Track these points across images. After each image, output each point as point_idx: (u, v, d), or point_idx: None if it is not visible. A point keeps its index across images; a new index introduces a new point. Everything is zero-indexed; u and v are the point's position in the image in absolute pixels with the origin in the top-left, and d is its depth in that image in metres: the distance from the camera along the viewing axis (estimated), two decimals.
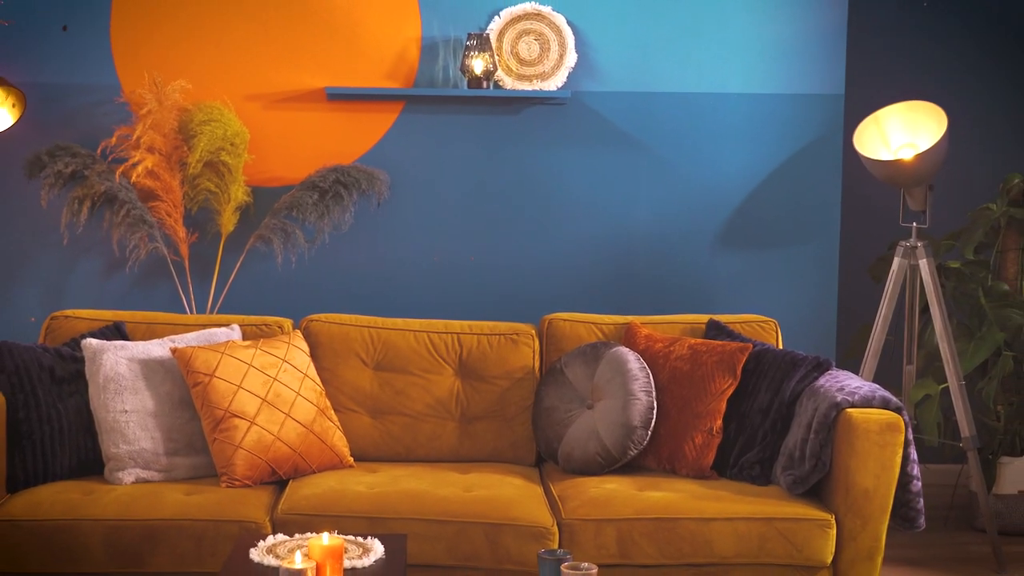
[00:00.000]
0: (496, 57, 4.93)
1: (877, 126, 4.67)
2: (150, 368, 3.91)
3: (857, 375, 4.02)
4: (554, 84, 4.97)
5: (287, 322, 4.27)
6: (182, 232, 4.86)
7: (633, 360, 4.03)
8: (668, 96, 5.05)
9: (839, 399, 3.73)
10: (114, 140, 4.81)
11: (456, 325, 4.30)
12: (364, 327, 4.26)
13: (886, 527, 3.70)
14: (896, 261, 4.71)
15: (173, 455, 3.86)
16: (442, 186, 5.05)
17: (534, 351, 4.27)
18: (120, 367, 3.87)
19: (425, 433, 4.20)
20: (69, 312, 4.21)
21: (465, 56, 4.87)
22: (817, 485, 3.82)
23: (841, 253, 5.20)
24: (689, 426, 3.95)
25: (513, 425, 4.21)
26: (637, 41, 5.02)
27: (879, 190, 5.24)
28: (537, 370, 4.26)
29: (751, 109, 5.07)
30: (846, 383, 3.83)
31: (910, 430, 3.70)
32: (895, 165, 4.55)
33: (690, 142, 5.07)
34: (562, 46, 4.97)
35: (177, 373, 3.92)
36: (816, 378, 3.94)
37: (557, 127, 5.04)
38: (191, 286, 4.97)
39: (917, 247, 4.67)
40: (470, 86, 4.90)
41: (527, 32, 4.97)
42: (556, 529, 3.65)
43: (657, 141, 5.06)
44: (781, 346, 4.30)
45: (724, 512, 3.67)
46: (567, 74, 4.97)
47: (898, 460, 3.66)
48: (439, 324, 4.30)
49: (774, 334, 4.32)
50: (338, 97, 4.97)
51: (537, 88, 4.97)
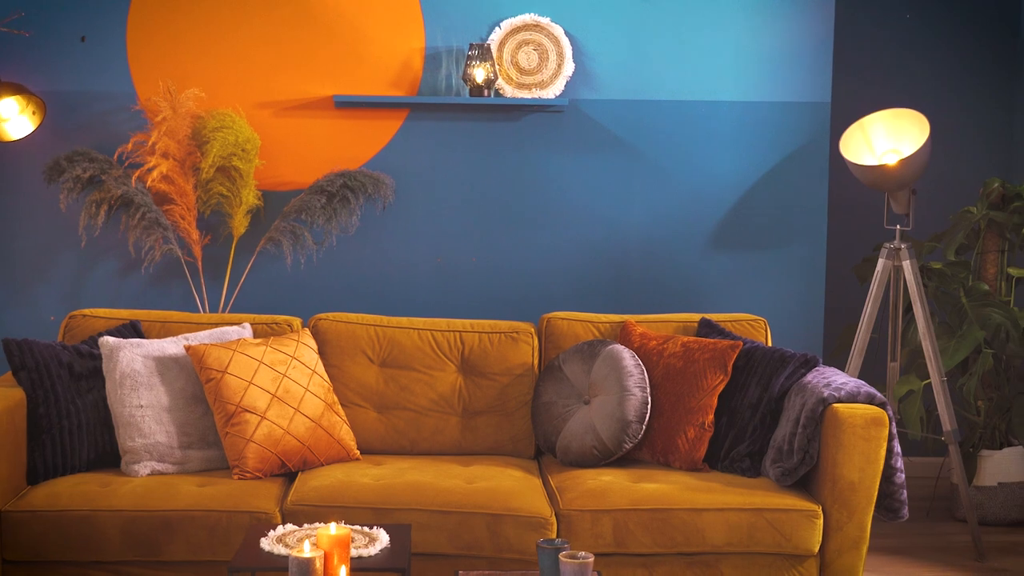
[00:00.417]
0: (497, 66, 4.93)
1: (862, 132, 4.67)
2: (165, 365, 3.91)
3: (843, 372, 4.02)
4: (552, 92, 4.97)
5: (296, 321, 4.27)
6: (195, 234, 4.86)
7: (628, 357, 4.03)
8: (662, 104, 5.05)
9: (826, 395, 3.73)
10: (130, 146, 4.81)
11: (458, 324, 4.30)
12: (370, 325, 4.26)
13: (871, 517, 3.69)
14: (880, 262, 4.70)
15: (187, 448, 3.86)
16: (445, 190, 5.05)
17: (533, 348, 4.27)
18: (136, 364, 3.87)
19: (429, 427, 4.19)
20: (87, 311, 4.20)
21: (467, 65, 4.86)
22: (805, 477, 3.82)
23: (828, 254, 5.20)
24: (682, 420, 3.95)
25: (513, 420, 4.21)
26: (632, 51, 5.02)
27: (864, 194, 5.24)
28: (536, 367, 4.26)
29: (741, 116, 5.06)
30: (832, 379, 3.83)
31: (894, 424, 3.70)
32: (880, 170, 4.55)
33: (683, 148, 5.07)
34: (560, 56, 4.97)
35: (191, 370, 3.92)
36: (804, 374, 3.94)
37: (555, 133, 5.04)
38: (204, 286, 4.97)
39: (901, 249, 4.67)
40: (472, 94, 4.90)
41: (526, 42, 4.97)
42: (554, 519, 3.64)
43: (651, 147, 5.06)
44: (770, 344, 4.30)
45: (716, 503, 3.66)
46: (565, 83, 4.97)
47: (882, 453, 3.66)
48: (442, 323, 4.29)
49: (763, 332, 4.31)
50: (345, 105, 4.96)
51: (536, 96, 4.96)
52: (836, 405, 3.70)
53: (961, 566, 4.43)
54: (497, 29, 4.96)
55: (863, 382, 3.81)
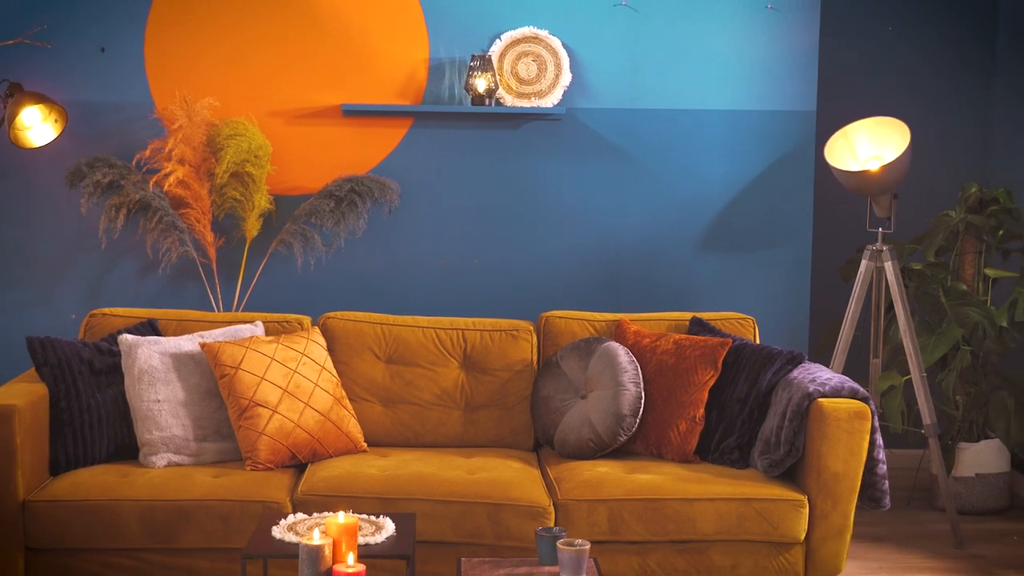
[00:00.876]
0: (497, 77, 4.93)
1: (846, 140, 4.67)
2: (181, 361, 3.91)
3: (828, 368, 4.02)
4: (550, 101, 4.97)
5: (306, 319, 4.27)
6: (210, 237, 4.86)
7: (623, 354, 4.04)
8: (654, 112, 5.05)
9: (811, 389, 3.73)
10: (148, 152, 4.81)
11: (461, 322, 4.30)
12: (377, 324, 4.26)
13: (854, 506, 3.70)
14: (863, 263, 4.70)
15: (202, 441, 3.86)
16: (448, 194, 5.05)
17: (532, 346, 4.27)
18: (153, 360, 3.87)
19: (432, 421, 4.20)
20: (107, 310, 4.21)
21: (469, 76, 4.87)
22: (791, 468, 3.82)
23: (813, 256, 5.20)
24: (674, 414, 3.95)
25: (513, 413, 4.21)
26: (626, 62, 5.02)
27: (848, 198, 5.24)
28: (535, 363, 4.26)
29: (730, 124, 5.06)
30: (817, 375, 3.83)
31: (876, 418, 3.70)
32: (863, 175, 4.55)
33: (675, 154, 5.07)
34: (558, 67, 4.97)
35: (206, 366, 3.93)
36: (790, 370, 3.95)
37: (553, 141, 5.04)
38: (218, 286, 4.97)
39: (883, 250, 4.67)
40: (473, 103, 4.90)
41: (526, 54, 4.97)
42: (552, 508, 3.65)
43: (645, 153, 5.06)
44: (758, 341, 4.30)
45: (706, 493, 3.67)
46: (562, 92, 4.97)
47: (865, 445, 3.66)
48: (445, 321, 4.30)
49: (752, 330, 4.32)
50: (353, 113, 4.97)
51: (535, 105, 4.97)
52: (821, 400, 3.71)
53: (940, 553, 4.44)
54: (498, 41, 4.96)
55: (847, 378, 3.82)
